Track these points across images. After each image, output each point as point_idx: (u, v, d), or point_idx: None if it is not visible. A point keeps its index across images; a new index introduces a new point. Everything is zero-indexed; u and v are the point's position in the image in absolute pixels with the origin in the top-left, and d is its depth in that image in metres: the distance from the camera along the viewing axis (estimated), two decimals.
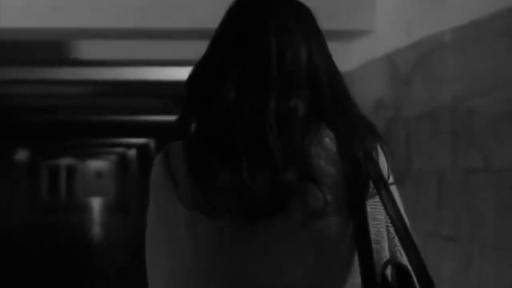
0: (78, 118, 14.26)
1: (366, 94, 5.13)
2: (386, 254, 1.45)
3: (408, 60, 4.48)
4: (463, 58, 3.87)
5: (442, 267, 4.07)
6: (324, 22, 5.03)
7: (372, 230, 1.42)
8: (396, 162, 4.66)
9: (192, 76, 1.47)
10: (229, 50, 1.45)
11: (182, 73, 7.65)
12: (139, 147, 25.59)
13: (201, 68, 1.47)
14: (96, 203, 41.24)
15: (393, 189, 1.46)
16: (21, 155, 25.72)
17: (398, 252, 1.47)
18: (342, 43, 5.32)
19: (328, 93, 1.45)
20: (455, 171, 3.95)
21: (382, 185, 1.42)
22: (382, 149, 1.47)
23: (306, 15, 1.51)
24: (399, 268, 1.42)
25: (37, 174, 34.53)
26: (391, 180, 1.46)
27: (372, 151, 1.44)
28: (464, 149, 3.87)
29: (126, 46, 6.14)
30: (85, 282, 11.93)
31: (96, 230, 23.41)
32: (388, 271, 1.44)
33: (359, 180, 1.41)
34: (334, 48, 5.65)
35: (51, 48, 6.17)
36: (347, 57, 5.41)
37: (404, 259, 1.45)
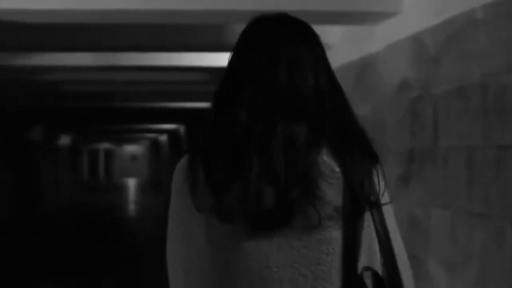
0: (115, 105, 13.98)
1: (392, 74, 4.71)
2: (377, 261, 1.46)
3: (437, 39, 4.04)
4: (495, 35, 3.44)
5: (473, 244, 3.65)
6: (351, 4, 4.56)
7: (365, 240, 1.44)
8: (424, 140, 4.20)
9: (216, 93, 1.48)
10: (243, 74, 1.44)
11: (213, 59, 7.31)
12: (170, 132, 25.44)
13: (220, 87, 1.48)
14: (131, 183, 41.41)
15: (388, 208, 1.48)
16: (64, 140, 25.73)
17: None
18: (369, 26, 4.89)
19: (331, 116, 1.44)
20: (486, 147, 3.52)
21: (374, 203, 1.44)
22: (377, 170, 1.46)
23: (314, 41, 1.49)
24: (375, 275, 1.43)
25: (78, 157, 34.52)
26: (386, 198, 1.47)
27: (369, 172, 1.44)
28: (496, 125, 3.44)
29: (154, 31, 5.75)
30: (121, 253, 11.89)
31: (131, 207, 23.57)
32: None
33: (355, 197, 1.42)
34: (361, 30, 5.21)
35: (89, 33, 5.79)
36: (373, 39, 4.99)
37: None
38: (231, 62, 1.48)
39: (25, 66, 7.56)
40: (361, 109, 5.13)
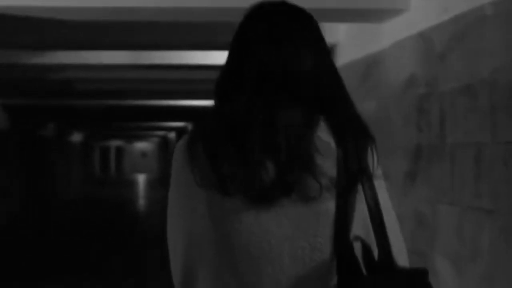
0: (126, 104, 13.88)
1: (399, 71, 4.57)
2: (371, 234, 1.45)
3: (444, 36, 3.90)
4: (503, 31, 3.29)
5: (481, 240, 3.51)
6: (358, 2, 4.40)
7: (361, 214, 1.43)
8: (431, 137, 4.05)
9: (217, 83, 1.48)
10: (243, 59, 1.44)
11: (221, 57, 7.17)
12: (178, 130, 25.37)
13: (222, 73, 1.48)
14: (141, 179, 41.42)
15: (380, 183, 1.46)
16: (77, 137, 25.67)
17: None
18: (376, 23, 4.75)
19: (329, 97, 1.44)
20: (494, 144, 3.38)
21: (365, 178, 1.43)
22: (371, 147, 1.45)
23: (312, 26, 1.47)
24: (364, 244, 1.40)
25: (90, 153, 34.49)
26: (379, 175, 1.46)
27: (364, 147, 1.44)
28: (504, 122, 3.30)
29: (163, 29, 5.62)
30: (131, 245, 11.85)
31: (141, 202, 23.56)
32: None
33: (349, 169, 1.41)
34: (368, 28, 5.07)
35: (100, 31, 5.66)
36: (380, 37, 4.85)
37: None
38: (232, 49, 1.48)
39: (39, 64, 7.45)
40: (368, 106, 4.99)
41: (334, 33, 5.60)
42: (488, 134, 3.43)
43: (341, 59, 5.57)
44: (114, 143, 47.42)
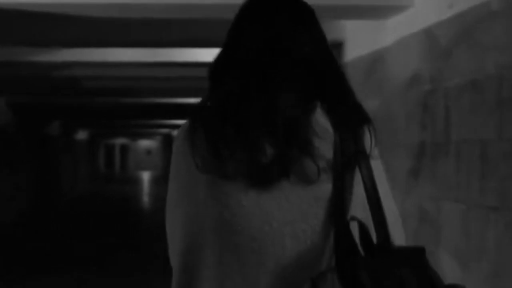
0: (130, 101, 13.84)
1: (403, 68, 4.51)
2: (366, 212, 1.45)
3: (449, 32, 3.84)
4: (510, 27, 3.23)
5: (486, 237, 3.44)
6: None
7: (359, 196, 1.43)
8: (434, 134, 3.97)
9: (213, 68, 1.48)
10: (242, 48, 1.45)
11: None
12: None
13: (218, 56, 1.48)
14: (145, 176, 41.45)
15: (377, 163, 1.46)
16: (82, 135, 25.67)
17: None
18: (380, 20, 4.69)
19: (327, 83, 1.44)
20: (500, 141, 3.32)
21: (362, 158, 1.42)
22: (369, 129, 1.45)
23: (310, 14, 1.48)
24: (360, 225, 1.40)
25: (95, 151, 34.49)
26: (376, 155, 1.45)
27: (360, 128, 1.44)
28: (510, 118, 3.24)
29: (168, 26, 5.57)
30: (136, 241, 11.82)
31: (145, 198, 23.55)
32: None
33: (345, 149, 1.42)
34: (372, 24, 5.00)
35: (113, 28, 5.61)
36: (385, 33, 4.78)
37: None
38: (229, 35, 1.49)
39: (44, 62, 7.40)
40: (372, 103, 4.93)
41: (339, 30, 5.54)
42: (494, 130, 3.36)
43: (347, 55, 5.51)
44: (119, 140, 47.45)
